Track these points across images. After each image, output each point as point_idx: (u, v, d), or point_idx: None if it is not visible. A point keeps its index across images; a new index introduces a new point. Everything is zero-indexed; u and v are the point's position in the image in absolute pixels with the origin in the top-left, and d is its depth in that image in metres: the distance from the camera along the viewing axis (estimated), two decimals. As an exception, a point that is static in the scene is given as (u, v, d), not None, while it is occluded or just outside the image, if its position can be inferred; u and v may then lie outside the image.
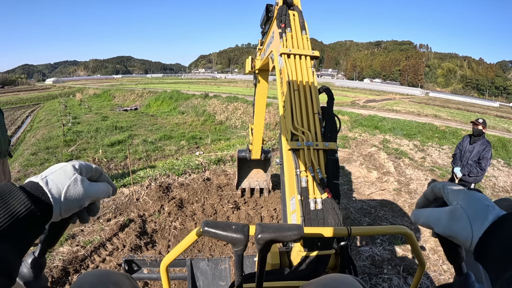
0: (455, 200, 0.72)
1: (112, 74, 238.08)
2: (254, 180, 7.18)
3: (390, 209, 7.04)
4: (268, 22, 3.39)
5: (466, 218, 0.66)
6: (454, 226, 0.68)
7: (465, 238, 0.65)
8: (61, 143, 13.39)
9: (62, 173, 0.75)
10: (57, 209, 0.70)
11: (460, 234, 0.66)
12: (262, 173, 7.22)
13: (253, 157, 6.56)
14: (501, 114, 38.24)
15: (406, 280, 4.53)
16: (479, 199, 0.68)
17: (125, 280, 1.00)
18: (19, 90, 56.27)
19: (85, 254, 4.68)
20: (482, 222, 0.63)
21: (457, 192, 0.73)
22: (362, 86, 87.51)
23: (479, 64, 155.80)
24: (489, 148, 5.88)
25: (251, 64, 5.10)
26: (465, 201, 0.69)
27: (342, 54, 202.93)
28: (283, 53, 2.51)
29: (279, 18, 2.76)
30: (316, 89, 2.38)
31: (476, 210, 0.66)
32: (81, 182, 0.76)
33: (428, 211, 0.77)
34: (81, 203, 0.76)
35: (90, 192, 0.78)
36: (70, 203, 0.73)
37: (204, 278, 3.06)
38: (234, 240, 0.89)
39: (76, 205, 0.75)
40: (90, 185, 0.79)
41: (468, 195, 0.70)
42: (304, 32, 2.69)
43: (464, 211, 0.67)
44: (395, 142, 14.43)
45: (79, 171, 0.79)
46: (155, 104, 31.42)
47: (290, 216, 2.01)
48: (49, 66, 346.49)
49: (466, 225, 0.65)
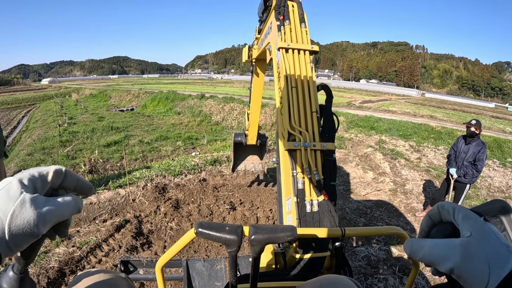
0: (468, 230, 0.58)
1: (108, 74, 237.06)
2: (249, 163, 7.01)
3: (386, 209, 7.07)
4: (266, 11, 3.18)
5: (483, 258, 0.53)
6: (468, 266, 0.54)
7: (478, 282, 0.52)
8: (57, 144, 13.34)
9: (5, 195, 0.57)
10: (3, 247, 0.54)
11: (473, 276, 0.53)
12: (257, 158, 7.07)
13: (249, 143, 6.35)
14: (496, 115, 38.50)
15: (401, 280, 4.55)
16: (498, 235, 0.56)
17: (122, 280, 1.00)
18: (15, 90, 56.14)
19: (81, 255, 4.67)
20: (502, 266, 0.51)
21: (473, 222, 0.59)
22: (358, 87, 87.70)
23: (475, 65, 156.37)
24: (484, 150, 5.91)
25: (248, 53, 4.92)
26: (482, 235, 0.56)
27: (338, 55, 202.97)
28: (281, 48, 2.42)
29: (277, 10, 2.64)
30: (314, 86, 2.32)
31: (495, 249, 0.53)
32: (31, 204, 0.57)
33: (430, 242, 0.63)
34: (35, 232, 0.58)
35: (47, 215, 0.60)
36: (19, 236, 0.56)
37: (200, 278, 3.05)
38: (228, 241, 0.90)
39: (28, 237, 0.57)
40: (47, 204, 0.61)
41: (485, 228, 0.57)
42: (304, 25, 2.57)
43: (482, 249, 0.54)
44: (391, 142, 14.49)
45: (30, 187, 0.61)
46: (152, 104, 31.36)
47: (286, 217, 1.98)
48: (45, 66, 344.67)
49: (483, 267, 0.52)
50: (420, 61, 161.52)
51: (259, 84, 5.36)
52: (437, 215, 0.69)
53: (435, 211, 0.69)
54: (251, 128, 6.04)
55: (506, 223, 0.75)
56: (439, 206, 0.68)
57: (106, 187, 6.76)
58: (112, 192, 6.52)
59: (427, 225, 0.71)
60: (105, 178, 7.50)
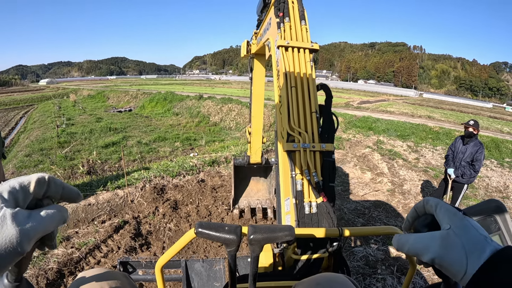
0: (448, 223, 0.63)
1: (106, 75, 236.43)
2: (254, 199, 6.17)
3: (384, 209, 7.09)
4: (265, 9, 3.14)
5: (461, 247, 0.57)
6: (446, 256, 0.58)
7: (457, 270, 0.56)
8: (55, 145, 13.33)
9: None
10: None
11: (452, 265, 0.57)
12: (262, 184, 6.33)
13: (253, 161, 5.71)
14: (494, 115, 38.66)
15: (400, 280, 4.56)
16: (476, 227, 0.60)
17: (124, 279, 1.01)
18: (13, 91, 56.06)
19: (80, 256, 4.67)
20: (478, 255, 0.55)
21: (452, 215, 0.63)
22: (356, 87, 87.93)
23: (473, 66, 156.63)
24: (482, 150, 5.92)
25: (246, 48, 4.78)
26: (460, 227, 0.60)
27: (336, 55, 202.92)
28: (281, 46, 2.38)
29: (277, 6, 2.58)
30: (314, 85, 2.29)
31: (473, 239, 0.57)
32: (12, 220, 0.53)
33: (414, 236, 0.67)
34: (19, 250, 0.53)
35: (30, 231, 0.55)
36: (2, 257, 0.51)
37: (199, 279, 3.06)
38: (227, 240, 0.91)
39: (12, 256, 0.53)
40: (29, 219, 0.56)
41: (464, 221, 0.61)
42: (304, 23, 2.51)
43: (459, 239, 0.58)
44: (389, 143, 14.52)
45: (11, 200, 0.57)
46: (150, 105, 31.33)
47: (285, 217, 1.99)
48: (43, 67, 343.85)
49: (460, 256, 0.56)
50: (418, 61, 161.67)
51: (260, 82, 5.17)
52: (421, 208, 0.73)
53: (421, 205, 0.73)
54: (254, 141, 5.53)
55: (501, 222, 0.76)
56: (425, 200, 0.72)
57: (105, 188, 6.75)
58: (111, 193, 6.52)
59: (412, 216, 0.75)
60: (103, 179, 7.49)
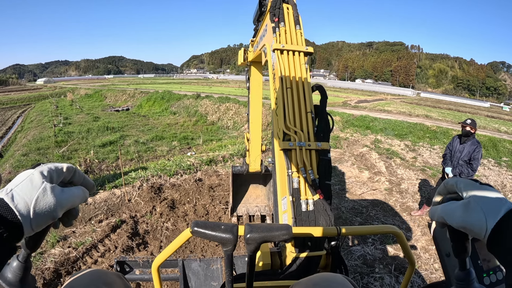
0: (468, 193, 0.75)
1: (103, 74, 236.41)
2: (253, 206, 6.10)
3: (382, 208, 7.09)
4: (262, 17, 3.21)
5: (480, 210, 0.69)
6: (469, 218, 0.70)
7: (479, 229, 0.68)
8: (52, 144, 13.30)
9: (29, 184, 0.68)
10: (27, 226, 0.64)
11: (474, 225, 0.69)
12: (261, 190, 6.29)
13: (252, 169, 5.59)
14: (491, 114, 38.80)
15: (397, 279, 4.57)
16: (492, 192, 0.72)
17: (118, 280, 0.99)
18: (10, 90, 55.94)
19: (76, 255, 4.65)
20: (495, 214, 0.66)
21: (470, 187, 0.76)
22: (353, 87, 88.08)
23: (470, 65, 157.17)
24: (480, 149, 5.94)
25: (243, 56, 4.80)
26: (478, 195, 0.72)
27: (334, 54, 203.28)
28: (276, 49, 2.42)
29: (272, 12, 2.63)
30: (309, 87, 2.32)
31: (490, 202, 0.69)
32: (51, 191, 0.69)
33: (442, 206, 0.81)
34: (54, 215, 0.70)
35: (63, 201, 0.72)
36: (41, 217, 0.67)
37: (196, 278, 3.05)
38: (223, 240, 0.89)
39: (48, 218, 0.69)
40: (63, 193, 0.73)
41: (481, 188, 0.74)
42: (298, 27, 2.58)
43: (478, 204, 0.70)
44: (387, 142, 14.52)
45: (49, 178, 0.72)
46: (147, 104, 31.32)
47: (282, 216, 1.99)
48: (40, 66, 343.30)
49: (480, 217, 0.68)
50: (416, 61, 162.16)
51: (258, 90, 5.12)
52: (443, 190, 0.87)
53: (442, 187, 0.87)
54: (253, 148, 5.44)
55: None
56: (444, 183, 0.87)
57: (102, 187, 6.72)
58: (108, 193, 6.49)
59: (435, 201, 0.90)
60: (100, 178, 7.47)
